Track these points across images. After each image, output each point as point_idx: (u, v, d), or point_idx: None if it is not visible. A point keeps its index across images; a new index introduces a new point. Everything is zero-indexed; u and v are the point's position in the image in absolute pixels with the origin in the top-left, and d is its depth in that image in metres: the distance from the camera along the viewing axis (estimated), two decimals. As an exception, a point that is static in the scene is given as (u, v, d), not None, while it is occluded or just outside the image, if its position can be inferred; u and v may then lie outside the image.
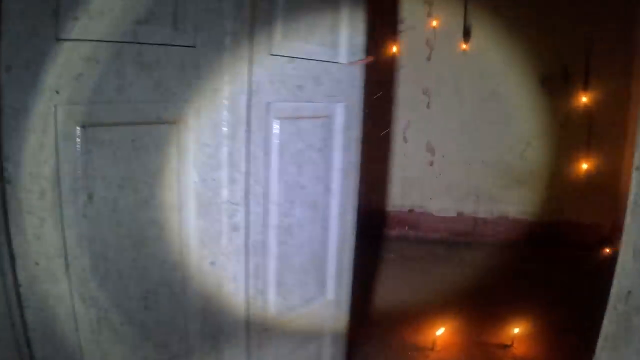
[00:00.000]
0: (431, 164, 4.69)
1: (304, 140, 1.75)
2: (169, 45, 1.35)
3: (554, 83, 4.44)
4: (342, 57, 1.81)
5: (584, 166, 4.46)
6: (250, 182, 1.59)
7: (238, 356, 1.69)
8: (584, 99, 4.39)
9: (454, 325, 2.95)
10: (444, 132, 4.64)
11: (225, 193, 1.53)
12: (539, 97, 4.47)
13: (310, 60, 1.71)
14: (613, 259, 3.73)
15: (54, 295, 1.24)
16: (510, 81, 4.48)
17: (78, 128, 1.22)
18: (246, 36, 1.49)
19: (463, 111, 4.59)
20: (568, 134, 4.47)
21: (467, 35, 4.46)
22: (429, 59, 4.59)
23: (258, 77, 1.55)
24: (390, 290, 3.53)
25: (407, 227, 4.75)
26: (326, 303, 2.01)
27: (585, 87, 4.38)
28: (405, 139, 4.69)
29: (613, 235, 4.42)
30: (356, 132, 1.94)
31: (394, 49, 4.55)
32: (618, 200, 4.42)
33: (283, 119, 1.65)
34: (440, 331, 2.87)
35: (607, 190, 4.45)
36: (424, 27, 4.54)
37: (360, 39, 1.87)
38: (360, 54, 1.86)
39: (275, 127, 1.63)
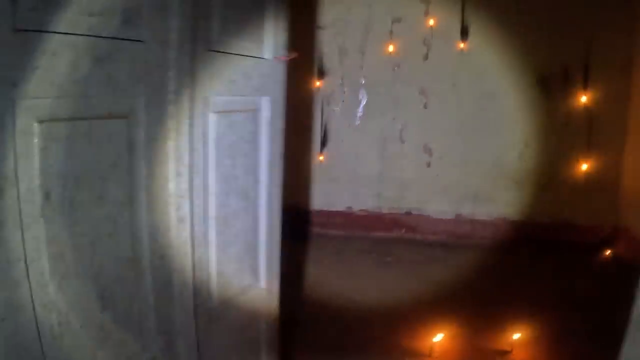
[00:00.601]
0: (428, 165, 4.64)
1: (236, 133, 1.84)
2: (119, 39, 1.35)
3: (553, 83, 4.40)
4: (268, 53, 1.92)
5: (584, 167, 4.42)
6: (193, 175, 1.63)
7: (190, 349, 1.70)
8: (583, 98, 4.35)
9: (451, 331, 2.88)
10: (441, 133, 4.60)
11: (172, 186, 1.56)
12: (538, 97, 4.43)
13: (242, 56, 1.80)
14: (613, 260, 3.72)
15: (15, 303, 1.18)
16: (509, 81, 4.44)
17: (36, 124, 1.17)
18: (189, 32, 1.54)
19: (461, 111, 4.54)
20: (567, 134, 4.43)
21: (464, 34, 4.43)
22: (426, 58, 4.54)
23: (199, 71, 1.61)
24: (386, 294, 3.47)
25: (404, 230, 4.70)
26: (260, 291, 2.08)
27: (585, 87, 4.34)
28: (402, 140, 4.64)
29: (613, 236, 4.40)
30: (280, 125, 2.03)
31: (391, 47, 4.51)
32: (618, 201, 4.40)
33: (219, 112, 1.71)
34: (438, 337, 2.80)
35: (607, 191, 4.43)
36: (421, 26, 4.49)
37: (283, 36, 1.97)
38: (283, 51, 1.97)
39: (213, 121, 1.69)
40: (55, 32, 1.19)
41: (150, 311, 1.54)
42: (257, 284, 2.07)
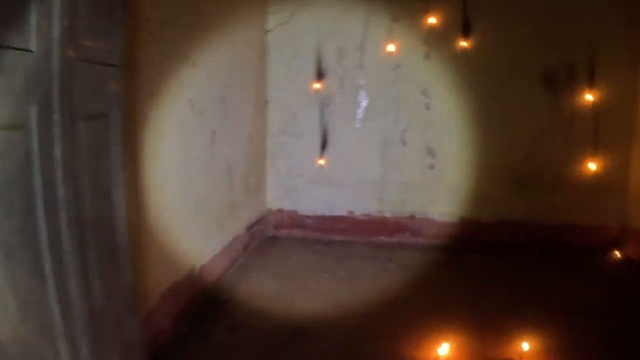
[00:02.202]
0: (432, 167, 4.54)
1: (92, 138, 1.81)
2: (14, 48, 1.39)
3: (559, 81, 4.31)
4: (115, 58, 1.90)
5: (591, 166, 4.33)
6: (70, 182, 1.66)
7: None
8: (589, 97, 4.25)
9: (457, 340, 2.78)
10: (444, 134, 4.50)
11: (61, 192, 1.59)
12: (543, 96, 4.33)
13: (101, 65, 1.82)
14: (623, 262, 3.66)
15: None
16: (513, 79, 4.35)
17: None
18: (66, 42, 1.58)
19: (464, 111, 4.44)
20: (573, 133, 4.34)
21: (466, 32, 4.33)
22: (427, 57, 4.44)
23: (73, 80, 1.64)
24: (388, 302, 3.38)
25: (407, 234, 4.60)
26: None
27: (591, 85, 4.25)
28: (403, 142, 4.54)
29: (622, 237, 4.31)
30: (125, 129, 2.02)
31: (391, 47, 4.42)
32: (626, 202, 4.32)
33: (86, 119, 1.73)
34: (443, 348, 2.71)
35: (614, 192, 4.35)
36: (422, 25, 4.39)
37: (120, 39, 1.96)
38: (121, 53, 1.95)
39: (82, 127, 1.71)
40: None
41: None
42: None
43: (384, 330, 2.99)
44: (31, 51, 1.45)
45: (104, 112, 1.85)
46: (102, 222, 1.84)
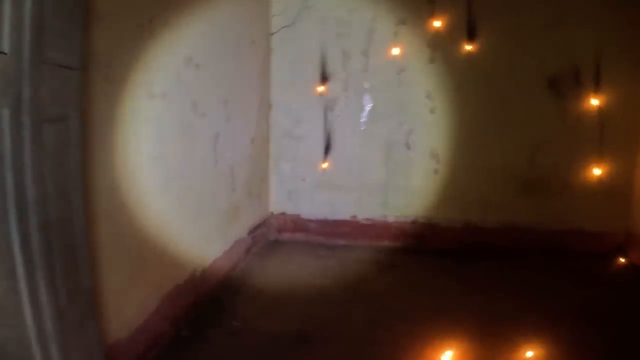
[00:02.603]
0: (436, 171, 4.51)
1: (55, 140, 1.80)
2: None
3: (564, 84, 4.27)
4: (75, 60, 1.87)
5: (596, 172, 4.29)
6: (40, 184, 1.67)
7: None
8: (595, 101, 4.22)
9: (461, 347, 2.75)
10: (448, 138, 4.47)
11: (31, 195, 1.59)
12: (549, 100, 4.30)
13: (55, 65, 1.77)
14: (627, 269, 3.62)
15: None
16: (518, 83, 4.32)
17: None
18: (34, 43, 1.58)
19: (468, 115, 4.42)
20: (579, 138, 4.30)
21: (471, 35, 4.31)
22: (432, 61, 4.42)
23: (38, 81, 1.64)
24: (390, 308, 3.35)
25: (410, 238, 4.57)
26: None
27: (597, 90, 4.22)
28: (408, 146, 4.52)
29: (626, 243, 4.28)
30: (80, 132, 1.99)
31: (395, 50, 4.40)
32: (631, 207, 4.28)
33: (48, 121, 1.72)
34: (447, 355, 2.68)
35: (619, 197, 4.31)
36: (427, 28, 4.37)
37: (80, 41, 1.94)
38: (80, 55, 1.92)
39: (46, 129, 1.70)
40: None
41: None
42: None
43: (386, 336, 2.96)
44: (5, 53, 1.46)
45: (65, 114, 1.86)
46: (64, 225, 1.84)
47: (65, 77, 1.83)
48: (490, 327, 3.02)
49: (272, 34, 4.54)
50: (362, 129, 4.57)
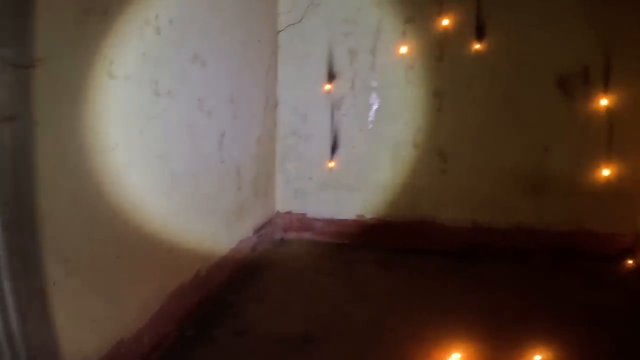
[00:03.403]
0: (443, 171, 4.48)
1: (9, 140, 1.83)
2: None
3: (574, 84, 4.22)
4: (25, 59, 1.87)
5: (605, 173, 4.24)
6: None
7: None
8: (604, 101, 4.18)
9: (468, 349, 2.73)
10: (456, 137, 4.43)
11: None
12: (557, 100, 4.25)
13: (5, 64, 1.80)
14: (637, 271, 3.58)
15: None
16: (527, 83, 4.26)
17: None
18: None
19: (477, 115, 4.37)
20: (588, 138, 4.24)
21: (480, 34, 4.26)
22: (440, 59, 4.38)
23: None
24: (396, 309, 3.33)
25: (417, 239, 4.53)
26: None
27: (606, 90, 4.16)
28: (415, 145, 4.48)
29: (635, 245, 4.22)
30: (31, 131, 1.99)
31: (403, 49, 4.37)
32: (641, 209, 4.24)
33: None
34: (454, 358, 2.66)
35: (629, 198, 4.23)
36: (435, 26, 4.33)
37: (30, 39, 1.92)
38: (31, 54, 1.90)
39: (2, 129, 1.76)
40: None
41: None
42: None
43: (392, 338, 2.94)
44: None
45: (17, 114, 1.86)
46: (21, 226, 1.85)
47: (16, 76, 1.84)
48: (497, 329, 3.00)
49: (279, 32, 4.51)
50: (369, 127, 4.54)
